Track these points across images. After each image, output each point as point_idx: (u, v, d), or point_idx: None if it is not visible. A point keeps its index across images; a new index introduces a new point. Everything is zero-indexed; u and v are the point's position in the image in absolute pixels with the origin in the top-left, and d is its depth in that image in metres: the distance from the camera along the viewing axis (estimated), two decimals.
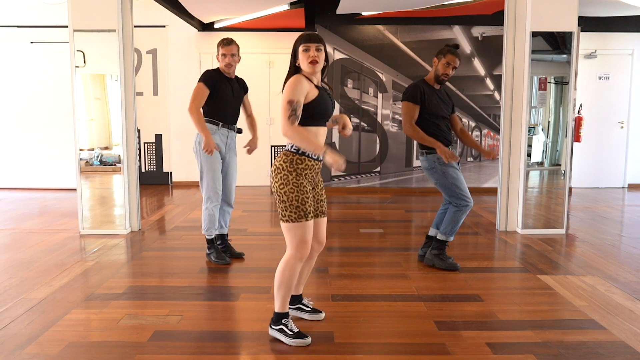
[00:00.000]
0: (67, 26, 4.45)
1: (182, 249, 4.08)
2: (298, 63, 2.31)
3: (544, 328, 2.56)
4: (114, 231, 4.56)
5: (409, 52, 6.91)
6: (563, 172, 4.79)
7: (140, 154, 7.50)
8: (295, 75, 2.28)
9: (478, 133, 7.12)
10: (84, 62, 4.47)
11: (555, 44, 4.55)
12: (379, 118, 7.01)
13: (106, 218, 4.74)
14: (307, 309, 2.68)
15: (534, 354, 2.29)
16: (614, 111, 7.34)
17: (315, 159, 2.32)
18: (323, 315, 2.69)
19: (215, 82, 3.49)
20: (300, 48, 2.28)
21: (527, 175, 4.68)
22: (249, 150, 3.81)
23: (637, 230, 4.79)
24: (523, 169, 4.60)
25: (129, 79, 4.53)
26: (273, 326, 2.42)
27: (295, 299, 2.67)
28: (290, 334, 2.36)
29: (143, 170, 7.53)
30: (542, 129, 4.93)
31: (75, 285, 3.22)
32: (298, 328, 2.41)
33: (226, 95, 3.54)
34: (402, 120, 3.45)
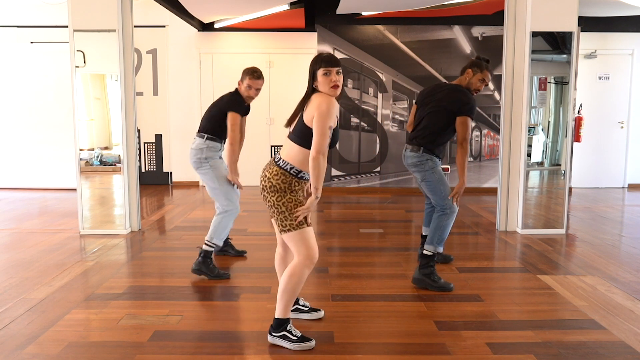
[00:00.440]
0: (67, 26, 4.45)
1: (182, 249, 4.08)
2: (316, 85, 2.28)
3: (544, 328, 2.56)
4: (114, 231, 4.56)
5: (409, 52, 6.91)
6: (563, 172, 4.79)
7: (140, 154, 7.50)
8: (328, 96, 2.24)
9: (478, 133, 7.12)
10: (84, 62, 4.47)
11: (555, 44, 4.55)
12: (379, 118, 7.01)
13: (106, 218, 4.74)
14: (305, 309, 2.68)
15: (534, 354, 2.29)
16: (614, 111, 7.34)
17: (306, 180, 2.35)
18: (322, 313, 2.69)
19: (242, 112, 3.46)
20: (320, 72, 2.24)
21: (527, 175, 4.68)
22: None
23: (637, 230, 4.79)
24: (523, 169, 4.60)
25: (129, 79, 4.53)
26: (274, 333, 2.37)
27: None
28: (294, 338, 2.34)
29: (143, 170, 7.53)
30: (542, 129, 4.93)
31: (75, 285, 3.22)
32: (300, 332, 2.39)
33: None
34: (461, 135, 3.13)
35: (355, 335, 2.49)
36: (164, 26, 7.27)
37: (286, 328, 2.35)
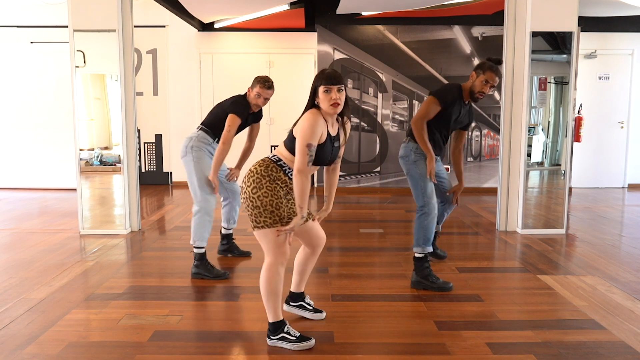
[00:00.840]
0: (67, 26, 4.45)
1: (182, 249, 4.07)
2: (317, 101, 2.25)
3: (544, 328, 2.56)
4: (114, 231, 4.56)
5: (409, 52, 6.91)
6: (563, 172, 4.79)
7: (140, 154, 7.50)
8: (315, 115, 2.21)
9: (478, 133, 7.12)
10: (84, 62, 4.47)
11: (555, 44, 4.55)
12: (379, 118, 7.01)
13: (106, 218, 4.74)
14: (309, 307, 2.68)
15: (534, 354, 2.29)
16: (614, 111, 7.34)
17: (289, 177, 2.31)
18: (324, 315, 2.69)
19: (244, 117, 3.43)
20: (321, 89, 2.21)
21: (527, 175, 4.68)
22: (232, 176, 3.66)
23: (637, 230, 4.79)
24: (523, 169, 4.60)
25: (129, 79, 4.53)
26: (272, 336, 2.36)
27: (298, 297, 2.67)
28: (293, 339, 2.33)
29: (143, 170, 7.53)
30: (542, 129, 4.93)
31: (75, 285, 3.22)
32: (299, 332, 2.39)
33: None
34: (417, 112, 3.19)
35: (355, 335, 2.49)
36: (164, 26, 7.27)
37: (283, 329, 2.35)
